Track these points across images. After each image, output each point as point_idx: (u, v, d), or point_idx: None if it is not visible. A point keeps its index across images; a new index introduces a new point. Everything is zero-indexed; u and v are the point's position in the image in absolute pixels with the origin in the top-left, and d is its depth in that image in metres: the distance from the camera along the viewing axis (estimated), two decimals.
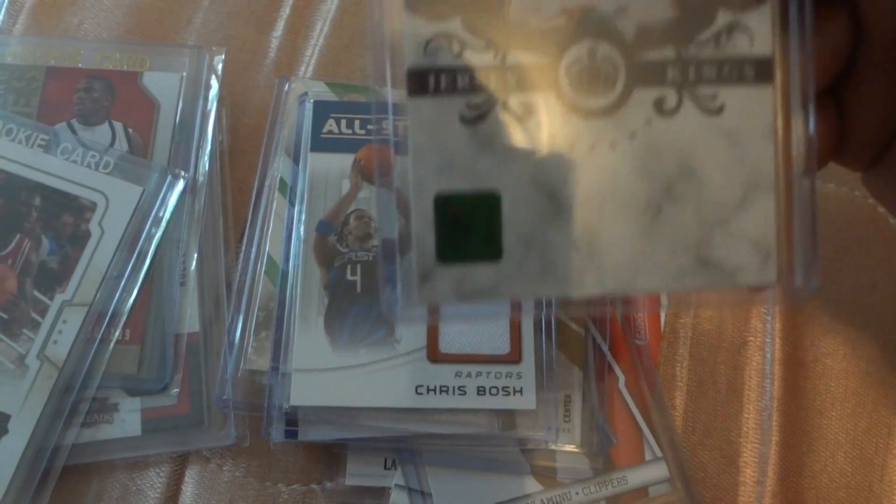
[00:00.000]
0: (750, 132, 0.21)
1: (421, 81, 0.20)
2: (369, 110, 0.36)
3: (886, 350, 0.37)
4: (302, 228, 0.34)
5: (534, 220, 0.21)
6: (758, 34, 0.21)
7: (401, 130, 0.20)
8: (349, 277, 0.33)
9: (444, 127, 0.20)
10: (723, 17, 0.21)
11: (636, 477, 0.34)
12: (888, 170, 0.26)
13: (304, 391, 0.32)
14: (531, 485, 0.33)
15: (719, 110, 0.21)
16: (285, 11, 0.43)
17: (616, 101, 0.21)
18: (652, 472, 0.34)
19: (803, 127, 0.21)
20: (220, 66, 0.39)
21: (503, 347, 0.33)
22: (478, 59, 0.20)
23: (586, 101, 0.20)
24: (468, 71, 0.20)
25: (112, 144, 0.37)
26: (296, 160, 0.35)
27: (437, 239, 0.21)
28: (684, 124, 0.21)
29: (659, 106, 0.21)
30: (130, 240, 0.35)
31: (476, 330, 0.33)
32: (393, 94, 0.21)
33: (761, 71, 0.21)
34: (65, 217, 0.35)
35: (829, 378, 0.36)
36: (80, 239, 0.35)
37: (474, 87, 0.20)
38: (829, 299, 0.38)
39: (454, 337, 0.33)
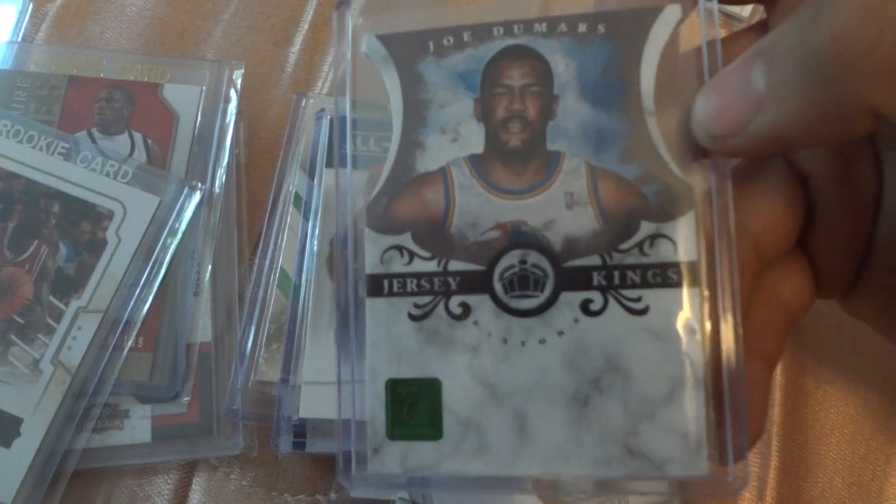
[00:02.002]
0: (675, 331, 0.22)
1: (377, 284, 0.24)
2: (385, 128, 0.37)
3: (885, 379, 0.37)
4: (315, 243, 0.35)
5: (470, 405, 0.23)
6: (682, 241, 0.22)
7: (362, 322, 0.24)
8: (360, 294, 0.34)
9: (396, 323, 0.23)
10: (646, 228, 0.22)
11: (637, 497, 0.34)
12: (863, 297, 0.26)
13: (313, 404, 0.32)
14: (534, 502, 0.34)
15: (644, 311, 0.22)
16: (304, 27, 0.43)
17: (545, 302, 0.23)
18: (652, 494, 0.34)
19: (732, 323, 0.22)
20: (239, 80, 0.39)
21: None
22: (424, 266, 0.23)
23: (518, 302, 0.23)
24: (415, 277, 0.23)
25: (131, 154, 0.37)
26: (311, 175, 0.36)
27: (387, 418, 0.23)
28: (610, 323, 0.22)
29: (585, 307, 0.23)
30: (146, 249, 0.35)
31: None
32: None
33: (686, 274, 0.22)
34: (83, 225, 0.36)
35: (828, 405, 0.37)
36: (96, 247, 0.35)
37: (420, 290, 0.23)
38: (831, 327, 0.38)
39: None
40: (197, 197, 0.37)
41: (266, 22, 0.43)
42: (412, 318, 0.23)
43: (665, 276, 0.22)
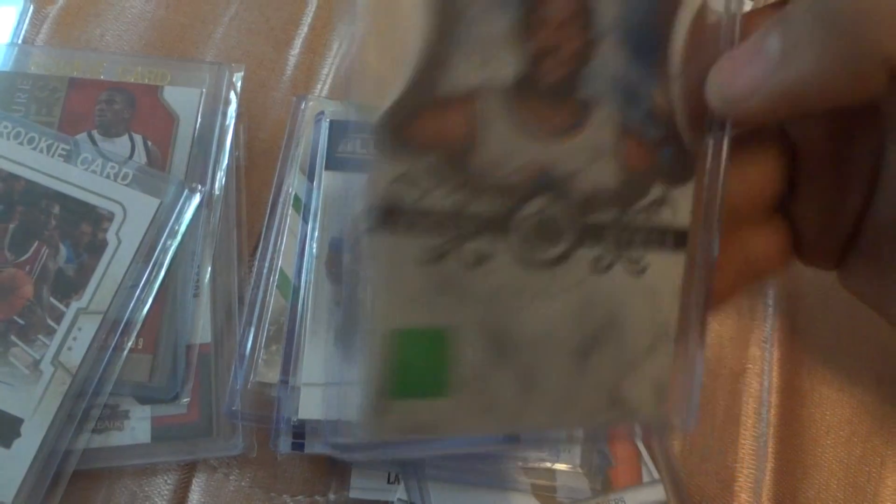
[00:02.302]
0: (664, 290, 0.23)
1: (383, 218, 0.20)
2: None
3: (881, 380, 0.38)
4: (315, 245, 0.35)
5: (478, 361, 0.22)
6: (680, 207, 0.23)
7: (360, 265, 0.21)
8: (361, 295, 0.34)
9: (402, 266, 0.21)
10: (656, 190, 0.22)
11: (634, 499, 0.34)
12: (857, 266, 0.27)
13: (312, 405, 0.32)
14: (531, 503, 0.34)
15: (643, 271, 0.23)
16: (303, 30, 0.43)
17: (560, 256, 0.22)
18: (649, 495, 0.35)
19: (702, 283, 0.23)
20: (239, 83, 0.39)
21: None
22: (438, 203, 0.21)
23: (533, 254, 0.22)
24: (429, 214, 0.21)
25: (131, 156, 0.37)
26: (310, 178, 0.36)
27: (390, 374, 0.21)
28: (614, 281, 0.23)
29: (595, 264, 0.22)
30: (146, 250, 0.36)
31: None
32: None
33: (679, 240, 0.23)
34: (83, 226, 0.36)
35: (824, 406, 0.37)
36: (97, 248, 0.35)
37: (433, 230, 0.21)
38: (826, 329, 0.38)
39: None
40: (197, 199, 0.37)
41: (265, 24, 0.44)
42: (421, 261, 0.21)
43: (663, 239, 0.23)
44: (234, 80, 0.39)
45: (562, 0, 0.21)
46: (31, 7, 0.43)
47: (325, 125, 0.36)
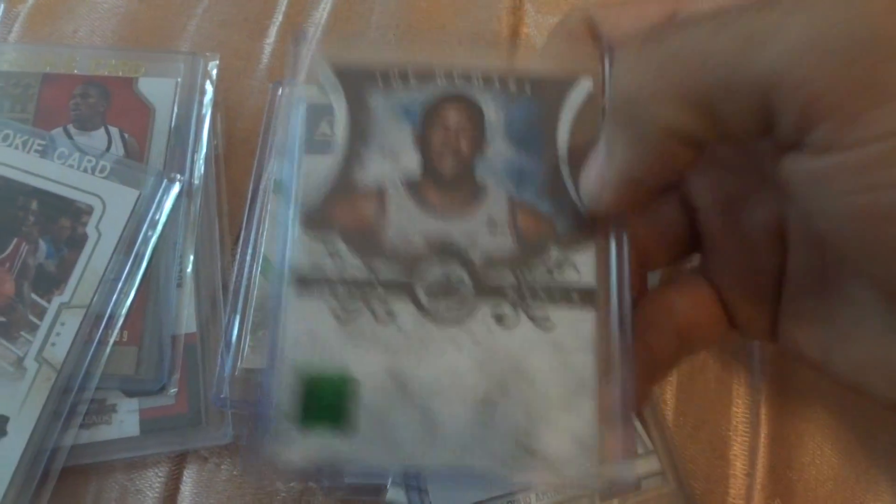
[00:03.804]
0: (575, 345, 0.25)
1: (305, 285, 0.25)
2: None
3: None
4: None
5: (383, 403, 0.25)
6: (583, 268, 0.26)
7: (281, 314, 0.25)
8: None
9: (320, 322, 0.25)
10: (554, 253, 0.26)
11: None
12: (789, 329, 0.28)
13: None
14: None
15: (550, 327, 0.25)
16: (278, 18, 0.43)
17: (464, 313, 0.25)
18: (644, 466, 0.34)
19: (620, 340, 0.25)
20: (214, 72, 0.39)
21: None
22: (353, 271, 0.25)
23: (439, 311, 0.25)
24: (343, 281, 0.25)
25: (108, 149, 0.37)
26: (290, 162, 0.36)
27: (301, 410, 0.24)
28: (520, 335, 0.25)
29: (499, 319, 0.25)
30: (127, 242, 0.35)
31: None
32: None
33: (586, 298, 0.25)
34: (62, 221, 0.35)
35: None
36: (77, 242, 0.35)
37: (347, 293, 0.25)
38: None
39: None
40: (176, 189, 0.36)
41: (239, 15, 0.43)
42: (338, 319, 0.25)
43: (569, 297, 0.25)
44: (209, 69, 0.39)
45: (454, 112, 0.27)
46: (3, 6, 0.42)
47: (302, 109, 0.36)
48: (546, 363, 0.25)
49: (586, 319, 0.25)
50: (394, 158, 0.26)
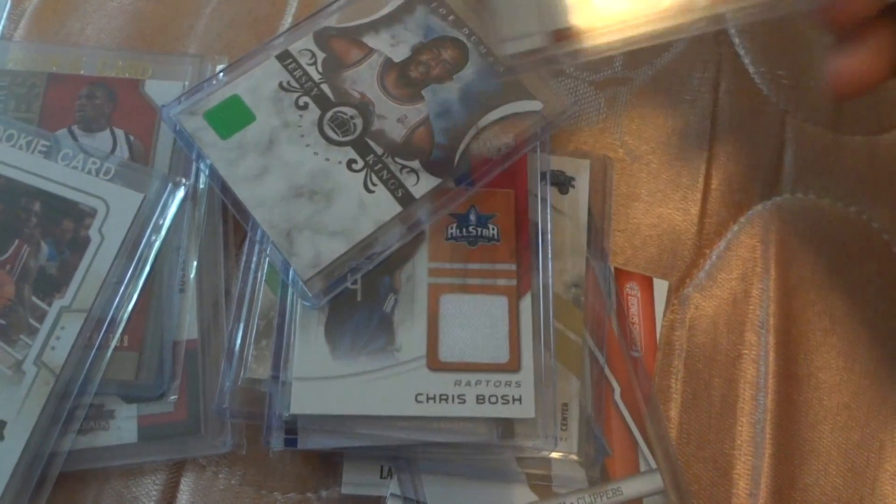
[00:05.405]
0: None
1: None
2: None
3: (878, 365, 0.37)
4: None
5: None
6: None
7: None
8: (350, 286, 0.34)
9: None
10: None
11: (631, 488, 0.34)
12: None
13: (304, 400, 0.32)
14: (527, 494, 0.33)
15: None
16: (287, 20, 0.43)
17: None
18: (647, 484, 0.34)
19: None
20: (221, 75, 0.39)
21: (502, 356, 0.33)
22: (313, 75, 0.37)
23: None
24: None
25: (113, 151, 0.37)
26: None
27: None
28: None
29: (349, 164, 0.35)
30: (130, 246, 0.35)
31: (475, 338, 0.33)
32: None
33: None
34: (65, 223, 0.35)
35: (821, 391, 0.37)
36: (79, 245, 0.35)
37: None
38: (822, 314, 0.38)
39: (454, 345, 0.33)
40: (181, 193, 0.36)
41: (248, 16, 0.43)
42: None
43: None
44: (216, 72, 0.38)
45: (449, 48, 0.38)
46: (9, 2, 0.42)
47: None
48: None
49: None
50: (394, 45, 0.37)
